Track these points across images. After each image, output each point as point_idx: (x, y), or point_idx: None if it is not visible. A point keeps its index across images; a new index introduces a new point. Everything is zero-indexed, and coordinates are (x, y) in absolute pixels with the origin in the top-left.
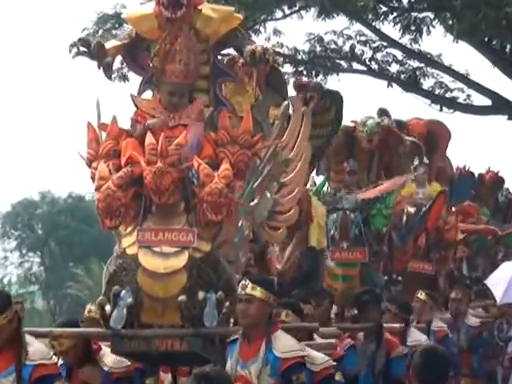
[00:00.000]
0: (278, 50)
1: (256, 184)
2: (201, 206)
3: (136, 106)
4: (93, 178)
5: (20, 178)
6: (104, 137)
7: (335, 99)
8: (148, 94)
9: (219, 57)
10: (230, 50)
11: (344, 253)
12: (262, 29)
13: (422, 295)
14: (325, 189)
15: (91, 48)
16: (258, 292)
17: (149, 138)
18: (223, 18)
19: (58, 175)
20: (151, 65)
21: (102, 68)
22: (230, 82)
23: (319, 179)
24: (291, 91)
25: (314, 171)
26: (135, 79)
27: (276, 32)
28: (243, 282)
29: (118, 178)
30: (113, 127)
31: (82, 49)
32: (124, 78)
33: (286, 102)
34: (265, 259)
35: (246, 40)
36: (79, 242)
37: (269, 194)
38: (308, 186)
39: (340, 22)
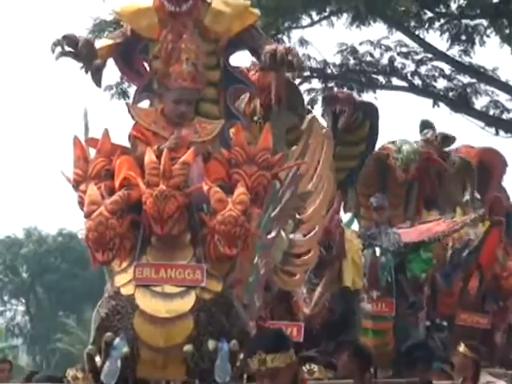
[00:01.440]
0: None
1: (275, 213)
2: (211, 238)
3: (133, 117)
4: (80, 203)
5: (0, 212)
6: (94, 154)
7: (369, 112)
8: (145, 104)
9: (231, 60)
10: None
11: (372, 304)
12: (285, 38)
13: (461, 347)
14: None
15: (78, 47)
16: (281, 360)
17: (149, 156)
18: (237, 13)
19: (46, 209)
20: (149, 69)
21: (89, 72)
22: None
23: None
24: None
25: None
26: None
27: (302, 42)
28: (258, 356)
29: (113, 203)
30: (104, 142)
31: (68, 48)
32: (123, 94)
33: (310, 116)
34: (290, 302)
35: (264, 40)
36: (71, 288)
37: (283, 234)
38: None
39: (377, 30)
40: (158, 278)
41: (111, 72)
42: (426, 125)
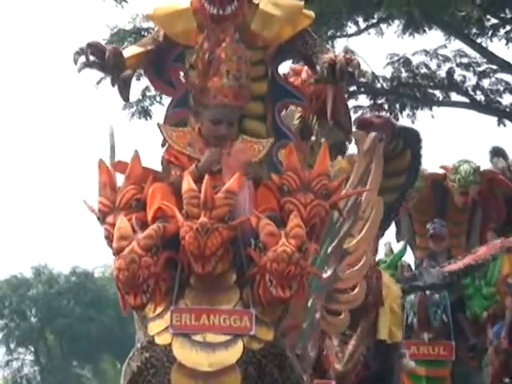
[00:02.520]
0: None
1: (331, 248)
2: (261, 278)
3: (164, 139)
4: (108, 238)
5: (7, 249)
6: (122, 181)
7: (411, 139)
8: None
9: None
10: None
11: (425, 347)
12: (329, 48)
13: None
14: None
15: (105, 57)
16: None
17: (187, 183)
18: (288, 16)
19: (58, 245)
20: (184, 80)
21: (117, 85)
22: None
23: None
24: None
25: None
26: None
27: (348, 52)
28: None
29: (147, 238)
30: (134, 167)
31: (93, 58)
32: (145, 113)
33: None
34: (319, 356)
35: (319, 46)
36: (85, 334)
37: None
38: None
39: (433, 38)
40: (199, 325)
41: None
42: (496, 152)
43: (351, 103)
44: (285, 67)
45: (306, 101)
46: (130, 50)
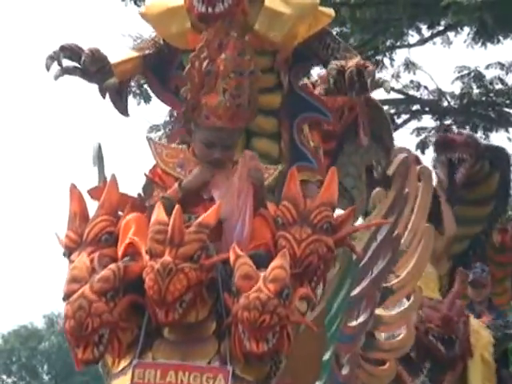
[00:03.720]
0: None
1: (359, 291)
2: (236, 329)
3: (154, 158)
4: None
5: (15, 296)
6: (94, 210)
7: (499, 161)
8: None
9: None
10: None
11: None
12: (386, 60)
13: None
14: None
15: (83, 61)
16: None
17: (156, 214)
18: (301, 14)
19: None
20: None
21: (109, 97)
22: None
23: None
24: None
25: None
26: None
27: (409, 65)
28: None
29: (102, 280)
30: (110, 194)
31: (69, 63)
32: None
33: (401, 156)
34: None
35: (344, 51)
36: None
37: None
38: None
39: (509, 48)
40: (167, 383)
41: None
42: None
43: (413, 124)
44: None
45: (334, 114)
46: (123, 54)
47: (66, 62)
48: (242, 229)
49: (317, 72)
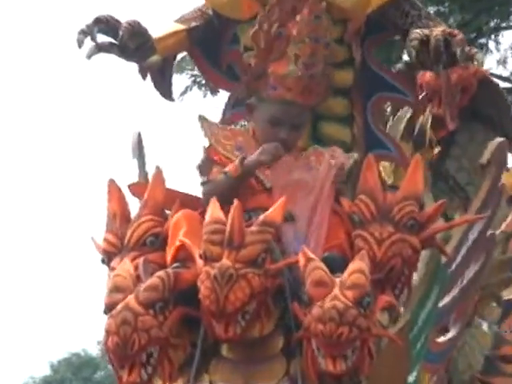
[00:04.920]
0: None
1: (449, 299)
2: (308, 344)
3: (206, 138)
4: None
5: (66, 321)
6: (137, 209)
7: None
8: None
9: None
10: None
11: None
12: (491, 43)
13: None
14: None
15: (121, 36)
16: None
17: (211, 210)
18: None
19: None
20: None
21: (151, 77)
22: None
23: None
24: None
25: None
26: None
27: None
28: None
29: (149, 289)
30: (155, 190)
31: (104, 39)
32: None
33: (496, 141)
34: None
35: (426, 19)
36: None
37: (484, 325)
38: None
39: None
40: None
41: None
42: None
43: None
44: None
45: (421, 95)
46: (166, 27)
47: (101, 38)
48: (314, 229)
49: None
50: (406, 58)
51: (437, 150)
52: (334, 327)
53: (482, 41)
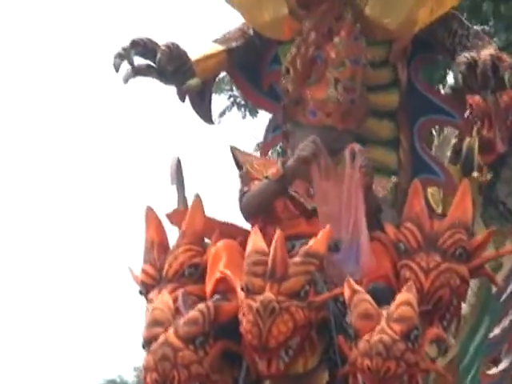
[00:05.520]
0: None
1: (498, 332)
2: (354, 380)
3: (238, 166)
4: None
5: (101, 346)
6: (176, 239)
7: None
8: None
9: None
10: None
11: None
12: None
13: None
14: None
15: (157, 59)
16: None
17: (252, 241)
18: None
19: None
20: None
21: (190, 102)
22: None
23: None
24: None
25: None
26: None
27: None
28: None
29: (189, 323)
30: (194, 218)
31: (142, 62)
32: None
33: None
34: None
35: (475, 39)
36: None
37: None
38: None
39: None
40: None
41: None
42: None
43: None
44: None
45: (468, 117)
46: (205, 49)
47: (138, 61)
48: (356, 255)
49: None
50: (450, 79)
51: (488, 175)
52: (380, 362)
53: None
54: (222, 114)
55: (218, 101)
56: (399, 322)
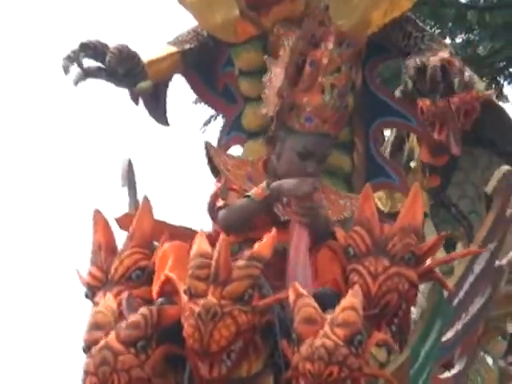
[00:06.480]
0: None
1: (450, 336)
2: None
3: (212, 165)
4: None
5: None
6: (123, 242)
7: None
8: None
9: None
10: None
11: None
12: None
13: None
14: None
15: (109, 60)
16: None
17: (198, 243)
18: None
19: None
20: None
21: (144, 104)
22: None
23: None
24: None
25: None
26: None
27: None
28: None
29: (130, 327)
30: (142, 221)
31: (92, 64)
32: None
33: (503, 169)
34: None
35: (430, 42)
36: None
37: (489, 361)
38: None
39: None
40: None
41: None
42: None
43: None
44: None
45: (423, 122)
46: (158, 51)
47: (88, 63)
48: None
49: None
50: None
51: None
52: (322, 366)
53: None
54: (207, 122)
55: (204, 110)
56: (343, 326)
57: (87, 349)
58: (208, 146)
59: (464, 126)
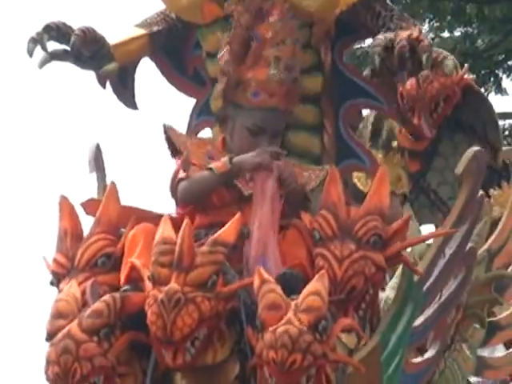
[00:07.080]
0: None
1: (424, 318)
2: (261, 372)
3: (173, 148)
4: None
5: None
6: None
7: None
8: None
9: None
10: None
11: None
12: None
13: None
14: None
15: (73, 42)
16: None
17: (162, 229)
18: None
19: None
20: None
21: (111, 87)
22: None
23: None
24: None
25: None
26: None
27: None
28: None
29: (93, 315)
30: (108, 206)
31: (57, 47)
32: None
33: (472, 150)
34: None
35: (398, 21)
36: None
37: (467, 350)
38: None
39: None
40: None
41: None
42: None
43: None
44: None
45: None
46: (125, 33)
47: (53, 45)
48: (271, 246)
49: None
50: None
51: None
52: (286, 354)
53: (511, 63)
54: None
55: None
56: (307, 312)
57: (50, 338)
58: (166, 128)
59: (444, 111)
